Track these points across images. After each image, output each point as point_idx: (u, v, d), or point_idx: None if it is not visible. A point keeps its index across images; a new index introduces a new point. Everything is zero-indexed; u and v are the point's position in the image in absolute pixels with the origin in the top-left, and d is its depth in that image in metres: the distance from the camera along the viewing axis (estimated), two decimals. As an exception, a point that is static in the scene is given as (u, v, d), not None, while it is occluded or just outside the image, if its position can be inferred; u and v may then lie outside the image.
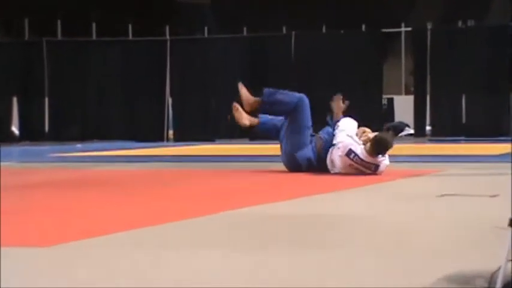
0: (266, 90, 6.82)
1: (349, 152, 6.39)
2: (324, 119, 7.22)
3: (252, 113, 6.85)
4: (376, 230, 3.50)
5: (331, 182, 6.03)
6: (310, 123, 6.84)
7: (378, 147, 6.36)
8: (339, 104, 6.81)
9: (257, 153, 9.93)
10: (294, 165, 6.66)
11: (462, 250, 2.92)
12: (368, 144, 6.40)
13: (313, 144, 6.69)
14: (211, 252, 2.89)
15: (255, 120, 6.96)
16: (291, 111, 6.78)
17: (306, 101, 6.90)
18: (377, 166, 6.38)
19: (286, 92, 7.00)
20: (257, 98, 6.85)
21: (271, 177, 6.47)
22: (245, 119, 6.90)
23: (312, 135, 6.80)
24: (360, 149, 6.38)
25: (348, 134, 6.56)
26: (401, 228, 3.55)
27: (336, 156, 6.47)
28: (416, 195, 5.04)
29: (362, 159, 6.36)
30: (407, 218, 3.91)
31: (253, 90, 6.22)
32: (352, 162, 6.39)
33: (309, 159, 6.61)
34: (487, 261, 2.48)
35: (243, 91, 6.76)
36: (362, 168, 6.37)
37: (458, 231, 3.42)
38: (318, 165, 6.59)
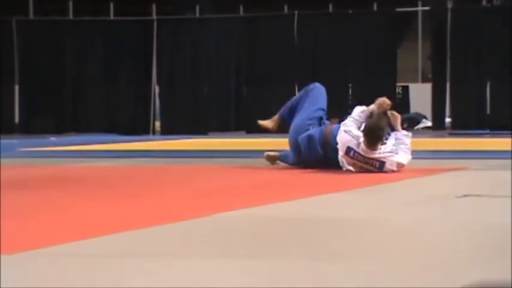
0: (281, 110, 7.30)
1: (348, 150, 6.37)
2: (331, 108, 7.29)
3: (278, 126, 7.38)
4: (388, 235, 3.47)
5: (338, 180, 6.01)
6: (325, 105, 7.13)
7: (371, 137, 6.33)
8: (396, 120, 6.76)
9: (255, 148, 9.90)
10: (295, 142, 6.76)
11: (483, 257, 2.88)
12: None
13: (324, 127, 6.76)
14: (199, 261, 2.86)
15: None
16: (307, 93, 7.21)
17: (321, 86, 7.35)
18: (382, 163, 6.32)
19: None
20: (275, 117, 7.36)
21: (272, 175, 6.45)
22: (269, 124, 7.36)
23: (326, 119, 6.93)
24: (357, 144, 6.34)
25: (355, 117, 6.58)
26: (415, 233, 3.52)
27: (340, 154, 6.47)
28: (434, 195, 5.01)
29: (363, 156, 6.32)
30: (423, 222, 3.89)
31: (250, 79, 6.24)
32: (354, 161, 6.36)
33: (310, 137, 6.65)
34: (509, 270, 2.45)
35: (265, 124, 7.36)
36: (365, 166, 6.34)
37: (480, 237, 3.39)
38: (324, 153, 6.59)
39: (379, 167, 6.35)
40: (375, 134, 6.38)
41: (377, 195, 5.20)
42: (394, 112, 6.72)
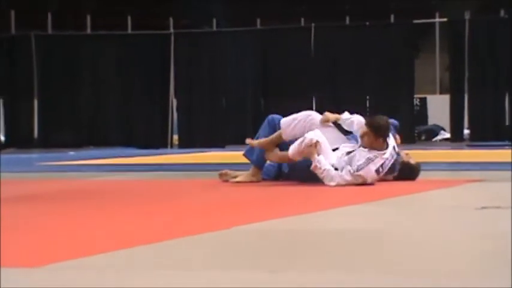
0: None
1: (359, 168, 6.27)
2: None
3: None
4: (407, 247, 3.47)
5: (355, 192, 6.00)
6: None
7: (378, 129, 6.27)
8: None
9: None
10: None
11: (503, 270, 2.88)
12: (365, 137, 6.29)
13: None
14: (223, 273, 2.88)
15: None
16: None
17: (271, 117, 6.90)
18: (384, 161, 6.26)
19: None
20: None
21: (290, 188, 6.44)
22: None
23: None
24: (360, 156, 6.29)
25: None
26: (434, 245, 3.52)
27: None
28: (452, 207, 5.00)
29: (368, 159, 6.26)
30: (442, 234, 3.88)
31: (268, 92, 6.19)
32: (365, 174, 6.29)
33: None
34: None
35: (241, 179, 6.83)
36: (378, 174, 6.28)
37: (499, 249, 3.38)
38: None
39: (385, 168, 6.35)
40: (380, 125, 6.34)
41: (395, 207, 5.19)
42: (326, 113, 6.62)
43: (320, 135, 6.37)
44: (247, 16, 17.45)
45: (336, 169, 6.27)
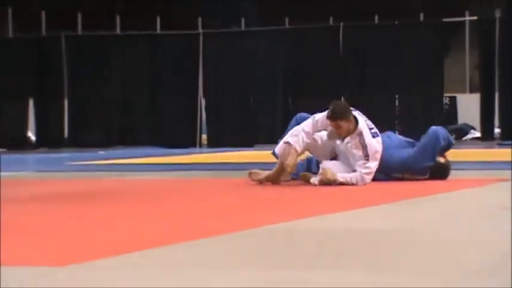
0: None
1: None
2: (381, 121, 7.20)
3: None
4: (437, 246, 3.46)
5: (383, 191, 5.99)
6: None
7: (342, 114, 6.29)
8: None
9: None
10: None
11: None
12: (338, 129, 6.32)
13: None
14: (252, 271, 2.88)
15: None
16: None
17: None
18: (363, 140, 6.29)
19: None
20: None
21: (318, 188, 6.43)
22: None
23: None
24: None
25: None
26: (464, 244, 3.50)
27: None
28: (483, 206, 4.97)
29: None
30: (472, 233, 3.86)
31: (297, 91, 6.18)
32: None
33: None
34: None
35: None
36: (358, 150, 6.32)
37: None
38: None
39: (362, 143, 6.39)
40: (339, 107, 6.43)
41: (425, 206, 5.17)
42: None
43: (331, 164, 6.41)
44: (275, 15, 17.45)
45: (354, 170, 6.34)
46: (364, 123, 6.39)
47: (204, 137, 16.16)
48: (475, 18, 16.23)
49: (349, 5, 20.75)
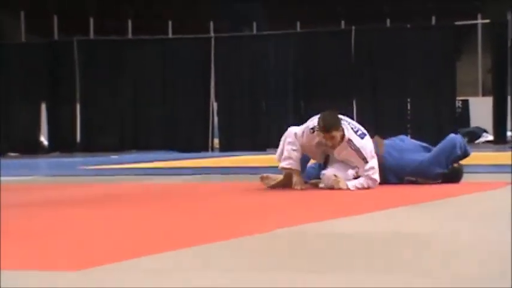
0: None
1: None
2: (391, 126, 7.18)
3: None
4: (452, 250, 3.45)
5: (399, 194, 5.98)
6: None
7: (331, 126, 6.31)
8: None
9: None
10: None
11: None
12: (330, 140, 6.35)
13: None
14: (266, 275, 2.88)
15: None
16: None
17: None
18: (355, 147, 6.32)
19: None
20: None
21: (329, 191, 6.43)
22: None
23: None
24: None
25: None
26: (478, 248, 3.49)
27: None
28: (495, 209, 4.95)
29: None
30: (485, 237, 3.85)
31: (308, 95, 6.19)
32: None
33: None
34: None
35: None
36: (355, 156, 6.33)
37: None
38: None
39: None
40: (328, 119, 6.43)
41: (439, 209, 5.16)
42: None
43: (333, 170, 6.43)
44: (287, 19, 17.46)
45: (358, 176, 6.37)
46: (349, 129, 6.41)
47: (216, 141, 16.18)
48: (487, 21, 16.20)
49: (361, 9, 20.74)
